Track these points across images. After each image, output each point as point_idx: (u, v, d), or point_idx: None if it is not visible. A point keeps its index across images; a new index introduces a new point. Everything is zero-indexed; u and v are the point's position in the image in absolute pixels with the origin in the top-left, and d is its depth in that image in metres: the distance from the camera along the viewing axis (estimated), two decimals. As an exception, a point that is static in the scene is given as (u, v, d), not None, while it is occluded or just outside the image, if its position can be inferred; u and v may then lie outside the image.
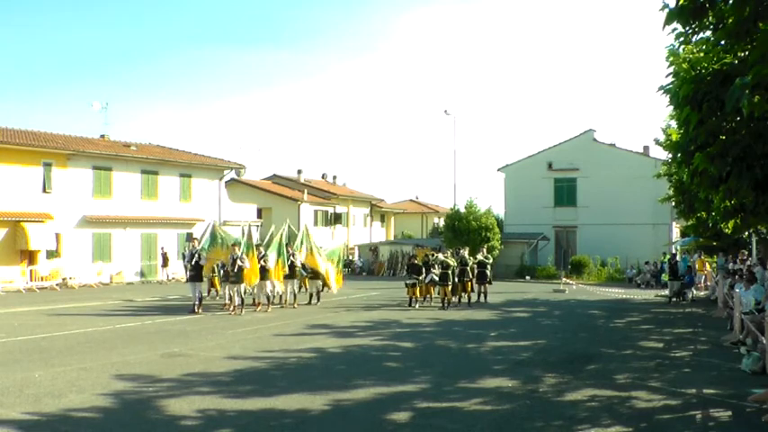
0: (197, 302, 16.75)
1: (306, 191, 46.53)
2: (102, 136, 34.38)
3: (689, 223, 25.34)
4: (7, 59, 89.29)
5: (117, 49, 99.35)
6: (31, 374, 8.85)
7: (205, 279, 18.83)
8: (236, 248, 16.95)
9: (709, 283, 25.33)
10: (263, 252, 17.59)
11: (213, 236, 18.05)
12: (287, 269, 18.33)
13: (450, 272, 18.83)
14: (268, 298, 17.82)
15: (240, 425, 6.58)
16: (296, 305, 18.43)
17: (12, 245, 25.54)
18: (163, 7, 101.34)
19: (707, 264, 27.35)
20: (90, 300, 20.39)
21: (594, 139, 41.57)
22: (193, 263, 17.00)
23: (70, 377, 8.71)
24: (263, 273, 17.50)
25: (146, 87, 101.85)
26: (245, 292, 17.28)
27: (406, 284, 19.61)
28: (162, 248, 30.72)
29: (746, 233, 21.60)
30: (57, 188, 27.46)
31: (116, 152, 30.20)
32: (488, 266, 20.75)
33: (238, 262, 16.62)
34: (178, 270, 30.04)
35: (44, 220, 26.45)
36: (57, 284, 25.52)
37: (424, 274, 18.94)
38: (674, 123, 18.72)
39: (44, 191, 27.00)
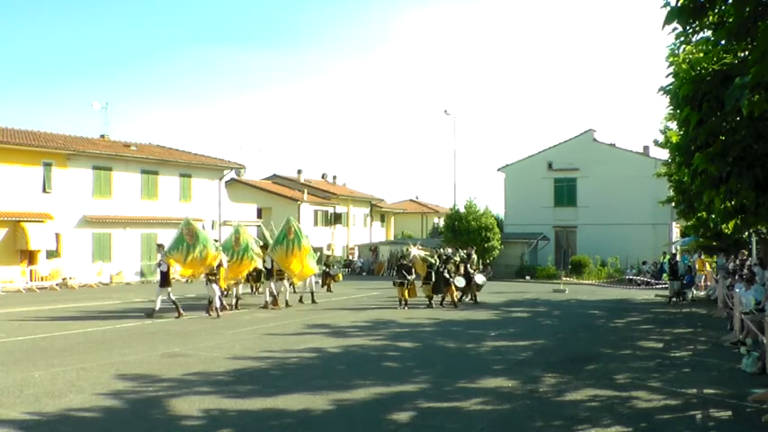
0: (177, 305, 16.07)
1: (306, 191, 46.54)
2: (102, 136, 34.38)
3: (689, 223, 25.34)
4: (7, 59, 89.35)
5: (117, 49, 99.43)
6: (31, 374, 8.85)
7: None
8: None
9: (709, 283, 25.33)
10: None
11: (180, 239, 16.60)
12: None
13: (433, 271, 18.81)
14: (275, 297, 17.82)
15: (241, 425, 6.58)
16: (281, 305, 18.28)
17: (12, 245, 25.54)
18: (163, 7, 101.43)
19: (707, 264, 27.35)
20: (90, 300, 20.39)
21: (594, 139, 41.59)
22: (159, 270, 16.44)
23: (70, 377, 8.71)
24: (268, 273, 17.69)
25: (146, 87, 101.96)
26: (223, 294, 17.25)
27: (394, 283, 19.57)
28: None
29: (746, 233, 21.60)
30: (57, 188, 27.46)
31: (116, 152, 30.20)
32: (469, 265, 20.36)
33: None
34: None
35: (44, 220, 26.45)
36: (57, 284, 25.51)
37: (414, 274, 18.94)
38: (671, 125, 18.72)
39: (44, 191, 27.01)
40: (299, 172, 52.06)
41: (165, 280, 16.21)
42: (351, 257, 43.21)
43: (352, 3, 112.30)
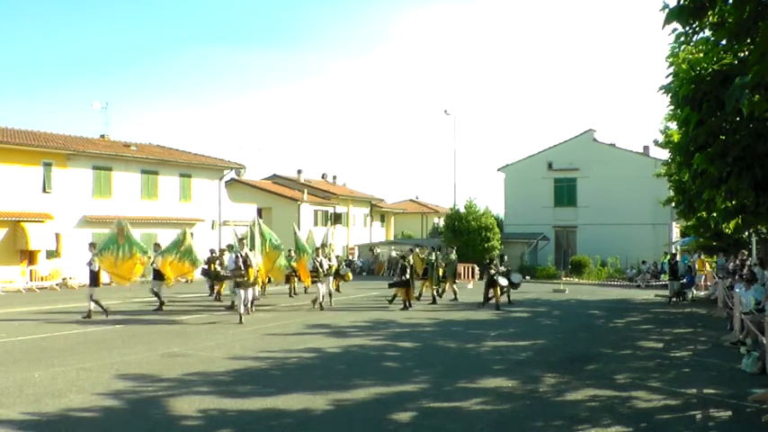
0: (91, 308, 15.61)
1: (306, 191, 46.53)
2: (102, 136, 34.38)
3: (689, 223, 25.36)
4: (7, 59, 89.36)
5: (117, 49, 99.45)
6: (31, 374, 8.85)
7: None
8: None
9: (709, 283, 25.33)
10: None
11: (112, 239, 16.46)
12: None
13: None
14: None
15: (241, 424, 6.57)
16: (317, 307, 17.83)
17: (12, 245, 25.54)
18: (163, 7, 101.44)
19: (707, 264, 27.34)
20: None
21: (594, 139, 41.60)
22: (90, 269, 15.95)
23: (70, 377, 8.71)
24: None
25: (146, 87, 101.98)
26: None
27: (390, 285, 19.28)
28: (162, 249, 30.68)
29: (746, 233, 21.60)
30: (57, 188, 27.46)
31: (116, 152, 30.21)
32: (433, 265, 20.32)
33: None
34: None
35: (44, 220, 26.45)
36: (57, 284, 25.51)
37: (408, 275, 18.75)
38: (671, 125, 18.74)
39: (44, 191, 27.01)
40: (299, 172, 52.07)
41: (95, 280, 15.91)
42: (351, 257, 43.21)
43: (352, 3, 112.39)
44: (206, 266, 19.49)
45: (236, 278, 15.13)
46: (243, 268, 14.91)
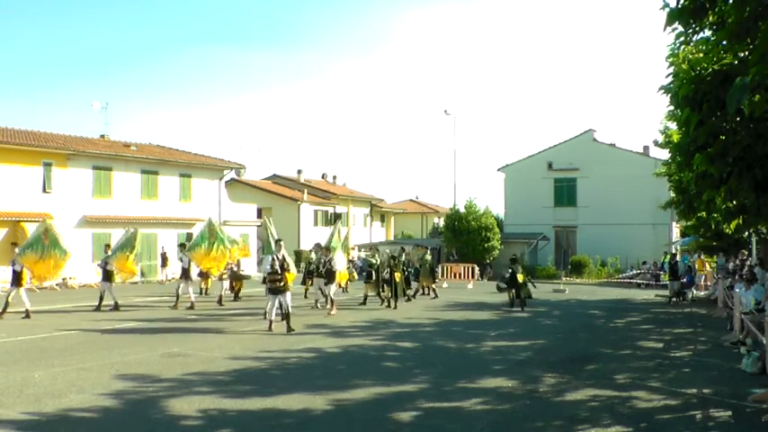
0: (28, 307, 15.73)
1: (306, 191, 46.55)
2: (102, 136, 34.38)
3: (689, 223, 25.37)
4: (7, 59, 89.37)
5: (117, 49, 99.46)
6: (31, 374, 8.85)
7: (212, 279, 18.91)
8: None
9: (709, 283, 25.33)
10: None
11: (36, 238, 16.46)
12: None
13: (373, 270, 18.84)
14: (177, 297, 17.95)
15: (241, 425, 6.58)
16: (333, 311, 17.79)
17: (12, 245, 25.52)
18: (163, 7, 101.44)
19: (707, 264, 27.35)
20: (90, 300, 20.33)
21: (594, 139, 41.62)
22: (12, 268, 15.85)
23: (70, 377, 8.70)
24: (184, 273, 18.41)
25: (146, 87, 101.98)
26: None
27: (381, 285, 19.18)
28: (162, 248, 30.69)
29: (746, 233, 21.62)
30: (57, 188, 27.46)
31: (116, 152, 30.20)
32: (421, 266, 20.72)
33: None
34: (178, 270, 30.12)
35: (44, 220, 26.42)
36: (57, 284, 25.48)
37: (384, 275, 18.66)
38: (671, 125, 18.76)
39: (44, 191, 27.01)
40: (299, 172, 52.10)
41: (18, 279, 15.83)
42: (351, 257, 43.24)
43: (352, 3, 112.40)
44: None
45: (270, 283, 13.86)
46: (279, 272, 13.66)
